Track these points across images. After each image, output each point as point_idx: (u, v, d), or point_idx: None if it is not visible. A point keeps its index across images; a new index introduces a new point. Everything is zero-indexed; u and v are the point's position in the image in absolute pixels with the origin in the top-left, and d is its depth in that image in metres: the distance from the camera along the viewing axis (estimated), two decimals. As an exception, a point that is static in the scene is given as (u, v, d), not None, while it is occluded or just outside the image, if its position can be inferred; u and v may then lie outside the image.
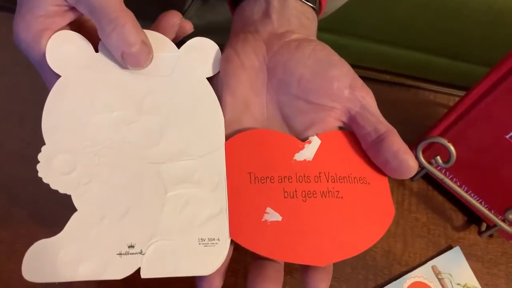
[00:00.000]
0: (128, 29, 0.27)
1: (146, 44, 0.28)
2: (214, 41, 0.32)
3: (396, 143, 0.28)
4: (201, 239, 0.28)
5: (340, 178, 0.29)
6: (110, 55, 0.29)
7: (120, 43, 0.28)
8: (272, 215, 0.28)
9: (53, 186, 0.27)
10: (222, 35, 0.36)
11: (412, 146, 0.43)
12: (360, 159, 0.30)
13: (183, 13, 0.54)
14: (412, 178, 0.44)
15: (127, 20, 0.28)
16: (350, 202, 0.29)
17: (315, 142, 0.30)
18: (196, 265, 0.28)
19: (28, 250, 0.26)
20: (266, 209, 0.28)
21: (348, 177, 0.30)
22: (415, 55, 0.85)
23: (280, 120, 0.31)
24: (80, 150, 0.28)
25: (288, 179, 0.29)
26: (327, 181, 0.29)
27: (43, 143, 0.28)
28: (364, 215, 0.29)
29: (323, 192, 0.29)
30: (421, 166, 0.42)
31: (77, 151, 0.28)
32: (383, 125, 0.29)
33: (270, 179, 0.29)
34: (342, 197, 0.29)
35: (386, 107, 0.47)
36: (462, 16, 0.73)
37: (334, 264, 0.40)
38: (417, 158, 0.40)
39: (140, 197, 0.28)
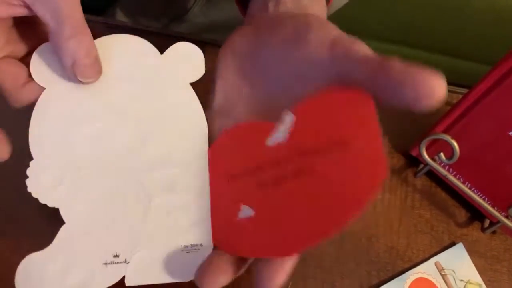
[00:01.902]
0: (88, 40, 0.28)
1: (98, 61, 0.29)
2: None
3: (401, 65, 0.23)
4: (185, 246, 0.28)
5: (316, 149, 0.26)
6: None
7: (77, 51, 0.27)
8: (244, 212, 0.27)
9: (42, 201, 0.28)
10: (226, 33, 0.37)
11: (416, 143, 0.43)
12: (344, 119, 0.26)
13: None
14: (415, 175, 0.44)
15: (89, 33, 0.28)
16: (327, 174, 0.25)
17: (286, 119, 0.27)
18: (179, 271, 0.28)
19: (20, 264, 0.27)
20: (240, 206, 0.27)
21: (327, 145, 0.25)
22: (416, 53, 0.85)
23: (270, 101, 0.30)
24: (65, 163, 0.28)
25: (261, 168, 0.27)
26: (300, 157, 0.26)
27: None
28: (344, 184, 0.25)
29: (294, 172, 0.26)
30: (425, 163, 0.42)
31: (63, 165, 0.28)
32: (379, 63, 0.24)
33: (244, 174, 0.28)
34: (317, 171, 0.25)
35: (389, 105, 0.47)
36: (464, 15, 0.73)
37: (338, 259, 0.40)
38: (420, 154, 0.41)
39: (124, 207, 0.29)
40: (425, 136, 0.41)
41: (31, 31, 0.30)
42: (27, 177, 0.36)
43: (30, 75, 0.29)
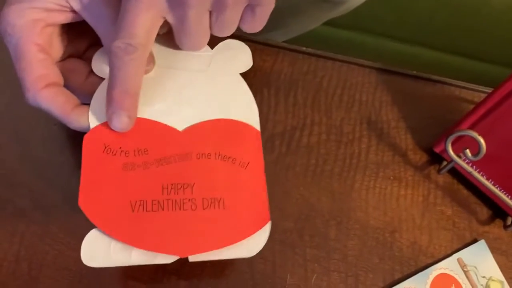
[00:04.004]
0: None
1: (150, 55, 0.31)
2: None
3: None
4: None
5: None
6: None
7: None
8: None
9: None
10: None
11: (439, 140, 0.44)
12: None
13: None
14: (438, 171, 0.45)
15: None
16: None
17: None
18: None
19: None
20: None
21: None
22: (431, 54, 0.85)
23: None
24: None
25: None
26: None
27: None
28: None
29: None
30: (449, 160, 0.42)
31: None
32: None
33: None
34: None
35: (412, 101, 0.48)
36: (481, 15, 0.74)
37: (361, 254, 0.40)
38: (446, 151, 0.41)
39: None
40: (449, 133, 0.41)
41: (86, 30, 0.32)
42: (54, 163, 0.37)
43: (91, 70, 0.32)
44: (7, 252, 0.36)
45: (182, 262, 0.36)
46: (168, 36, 0.32)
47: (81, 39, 0.34)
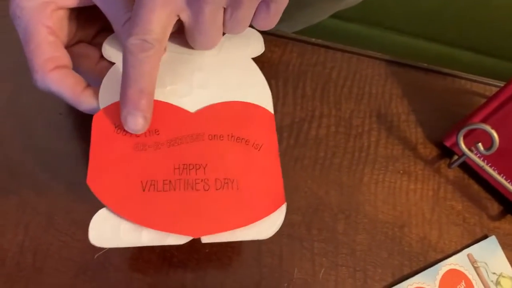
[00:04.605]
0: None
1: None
2: None
3: None
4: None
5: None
6: None
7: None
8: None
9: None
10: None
11: (450, 133, 0.43)
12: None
13: None
14: (449, 166, 0.44)
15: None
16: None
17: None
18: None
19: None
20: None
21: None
22: (440, 48, 0.84)
23: None
24: None
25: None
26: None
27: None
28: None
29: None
30: (460, 154, 0.41)
31: None
32: None
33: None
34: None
35: (422, 94, 0.47)
36: (492, 8, 0.72)
37: (370, 248, 0.40)
38: (458, 144, 0.40)
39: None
40: (461, 126, 0.40)
41: (96, 15, 0.31)
42: (59, 153, 0.36)
43: (101, 56, 0.32)
44: (12, 243, 0.36)
45: (188, 254, 0.36)
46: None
47: (91, 24, 0.34)
